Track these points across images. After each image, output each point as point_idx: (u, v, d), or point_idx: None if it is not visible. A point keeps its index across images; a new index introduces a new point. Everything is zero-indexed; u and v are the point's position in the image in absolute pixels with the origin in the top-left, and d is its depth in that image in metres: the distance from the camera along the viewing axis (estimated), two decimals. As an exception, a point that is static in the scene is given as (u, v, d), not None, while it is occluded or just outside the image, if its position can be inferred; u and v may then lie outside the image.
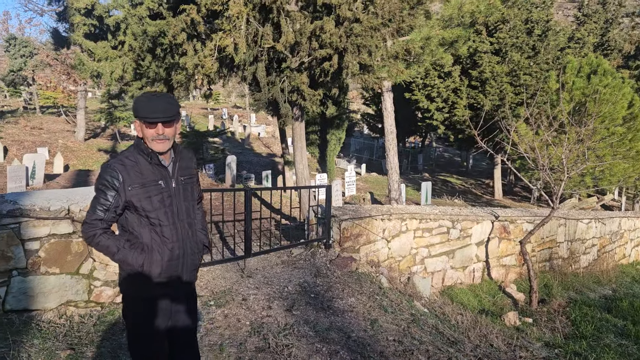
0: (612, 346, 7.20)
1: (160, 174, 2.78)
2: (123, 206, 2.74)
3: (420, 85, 25.64)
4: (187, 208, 2.91)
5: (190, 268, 2.94)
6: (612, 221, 14.63)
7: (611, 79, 17.17)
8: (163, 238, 2.78)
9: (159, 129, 2.66)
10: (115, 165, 2.70)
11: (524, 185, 32.26)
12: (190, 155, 3.04)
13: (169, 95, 2.75)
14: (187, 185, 2.92)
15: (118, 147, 28.83)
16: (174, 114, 2.68)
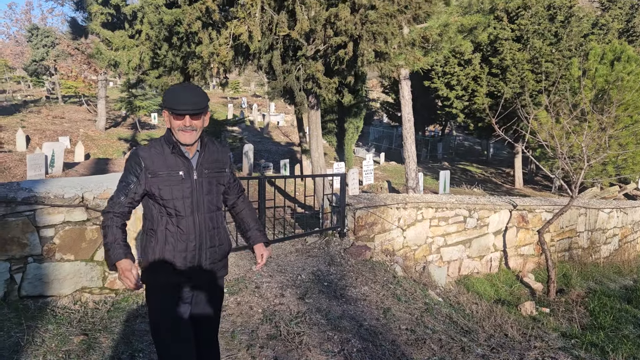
0: (630, 337, 7.08)
1: (182, 164, 2.76)
2: (142, 193, 2.78)
3: (440, 73, 25.38)
4: (209, 201, 2.85)
5: (211, 259, 2.89)
6: (634, 210, 14.36)
7: (635, 65, 16.80)
8: (178, 229, 2.77)
9: (186, 121, 2.67)
10: (140, 152, 2.75)
11: (545, 175, 31.83)
12: (221, 149, 3.00)
13: (198, 87, 2.75)
14: (213, 179, 2.88)
15: (138, 136, 29.10)
16: (202, 106, 2.69)
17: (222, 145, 3.02)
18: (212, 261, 2.91)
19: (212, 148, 2.92)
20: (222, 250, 2.98)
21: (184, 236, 2.78)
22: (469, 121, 26.24)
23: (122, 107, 30.55)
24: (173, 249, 2.77)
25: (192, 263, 2.82)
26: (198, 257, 2.84)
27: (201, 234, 2.83)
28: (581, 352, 5.72)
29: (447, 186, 18.83)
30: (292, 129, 39.22)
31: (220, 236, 2.95)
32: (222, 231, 2.97)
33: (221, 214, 2.99)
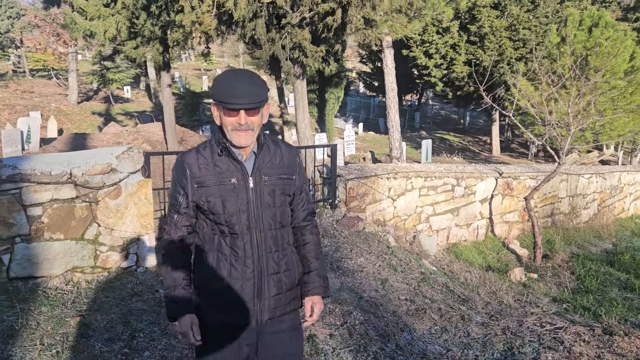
0: (617, 300, 7.22)
1: (234, 169, 2.21)
2: (193, 207, 2.26)
3: (418, 42, 25.19)
4: (272, 216, 2.26)
5: (276, 288, 2.27)
6: (612, 175, 14.59)
7: (613, 31, 16.87)
8: (232, 251, 2.22)
9: (240, 118, 2.10)
10: (185, 157, 2.24)
11: (521, 142, 32.17)
12: (287, 150, 2.38)
13: (254, 75, 2.17)
14: (276, 188, 2.27)
15: (112, 109, 28.46)
16: (261, 99, 2.11)
17: (287, 146, 2.42)
18: (278, 292, 2.28)
19: (273, 148, 2.33)
20: (291, 278, 2.35)
21: (240, 260, 2.21)
22: (447, 90, 26.21)
23: (94, 80, 29.77)
24: (227, 277, 2.21)
25: (251, 295, 2.23)
26: (258, 287, 2.24)
27: (261, 257, 2.24)
28: (575, 317, 5.78)
29: (429, 155, 18.87)
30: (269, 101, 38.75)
31: (287, 259, 2.33)
32: (290, 253, 2.37)
33: (288, 231, 2.37)
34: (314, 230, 2.51)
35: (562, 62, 14.76)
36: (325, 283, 2.47)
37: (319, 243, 2.54)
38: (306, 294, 2.43)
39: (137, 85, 36.54)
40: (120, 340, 3.88)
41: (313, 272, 2.45)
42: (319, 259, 2.50)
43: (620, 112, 15.29)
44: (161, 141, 12.49)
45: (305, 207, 2.47)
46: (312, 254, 2.47)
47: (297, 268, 2.39)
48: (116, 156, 5.06)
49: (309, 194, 2.52)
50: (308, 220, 2.49)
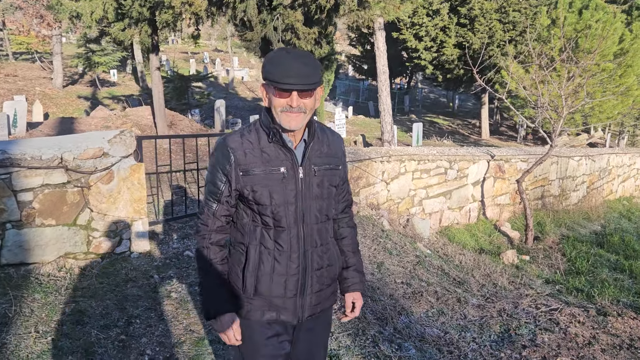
0: (608, 281, 7.28)
1: (284, 157, 2.04)
2: (235, 196, 2.09)
3: (408, 24, 25.05)
4: (319, 208, 2.12)
5: (318, 285, 2.17)
6: (601, 158, 14.68)
7: (602, 13, 16.87)
8: (277, 245, 2.07)
9: (293, 99, 1.94)
10: (229, 141, 2.05)
11: (509, 125, 32.27)
12: (333, 138, 2.24)
13: (309, 55, 2.01)
14: (324, 179, 2.13)
15: (99, 93, 28.11)
16: (315, 80, 1.95)
17: (333, 133, 2.28)
18: (320, 288, 2.18)
19: (321, 136, 2.17)
20: (332, 273, 2.24)
21: (284, 255, 2.07)
22: (437, 73, 26.15)
23: (79, 63, 29.31)
24: (270, 272, 2.08)
25: (294, 292, 2.11)
26: (302, 283, 2.12)
27: (306, 252, 2.10)
28: (569, 298, 5.82)
29: (420, 139, 18.86)
30: (258, 84, 38.48)
31: (329, 254, 2.21)
32: (332, 247, 2.25)
33: (330, 224, 2.25)
34: (351, 223, 2.41)
35: (552, 45, 14.75)
36: (362, 278, 2.39)
37: (356, 236, 2.44)
38: (346, 290, 2.36)
39: (123, 69, 36.06)
40: (116, 327, 3.83)
41: (352, 268, 2.36)
42: (356, 253, 2.40)
43: (610, 94, 15.33)
44: (150, 125, 12.34)
45: (346, 198, 2.37)
46: (350, 248, 2.37)
47: (337, 262, 2.28)
48: (108, 140, 4.97)
49: (349, 184, 2.40)
50: (346, 213, 2.39)
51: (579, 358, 4.14)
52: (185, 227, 6.14)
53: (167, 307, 4.27)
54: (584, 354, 4.22)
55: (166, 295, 4.47)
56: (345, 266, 2.35)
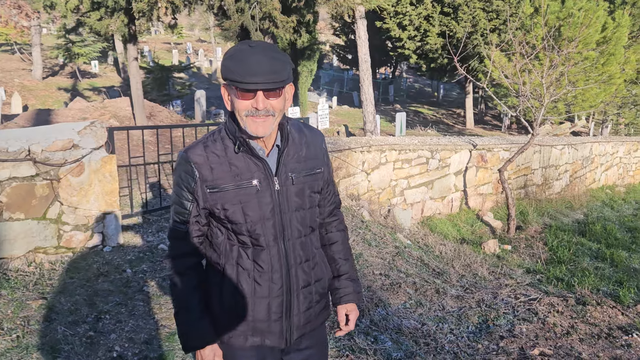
0: (589, 269, 7.29)
1: (255, 168, 1.80)
2: (205, 214, 1.86)
3: (392, 13, 24.92)
4: (301, 220, 1.88)
5: (306, 303, 1.93)
6: (584, 146, 14.73)
7: (585, 1, 16.87)
8: (256, 265, 1.84)
9: (258, 100, 1.67)
10: (190, 154, 1.79)
11: (494, 114, 32.36)
12: (312, 136, 1.97)
13: (275, 47, 1.74)
14: (305, 186, 1.88)
15: (79, 85, 27.71)
16: (283, 78, 1.68)
17: (311, 130, 2.00)
18: (309, 306, 1.95)
19: (298, 137, 1.91)
20: (321, 287, 2.00)
21: (265, 276, 1.84)
22: (421, 62, 26.09)
23: (59, 54, 28.85)
24: (251, 295, 1.86)
25: (279, 314, 1.89)
26: (287, 304, 1.89)
27: (290, 270, 1.87)
28: (549, 287, 5.81)
29: (403, 128, 18.80)
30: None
31: (317, 267, 1.97)
32: (320, 259, 2.00)
33: (315, 235, 2.01)
34: (340, 226, 2.13)
35: (535, 33, 14.72)
36: (357, 287, 2.12)
37: (347, 240, 2.17)
38: (338, 302, 2.09)
39: (104, 60, 35.57)
40: (85, 323, 3.73)
41: (344, 276, 2.09)
42: (349, 259, 2.12)
43: (592, 82, 15.37)
44: (129, 116, 12.15)
45: (332, 200, 2.10)
46: (341, 255, 2.10)
47: (327, 274, 2.03)
48: (78, 131, 4.84)
49: (335, 185, 2.12)
50: (334, 215, 2.12)
51: (557, 348, 4.11)
52: (161, 219, 6.03)
53: (138, 302, 4.17)
54: (562, 343, 4.19)
55: (138, 290, 4.37)
56: (336, 274, 2.09)
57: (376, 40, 28.93)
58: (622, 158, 17.71)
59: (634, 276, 7.12)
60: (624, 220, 11.92)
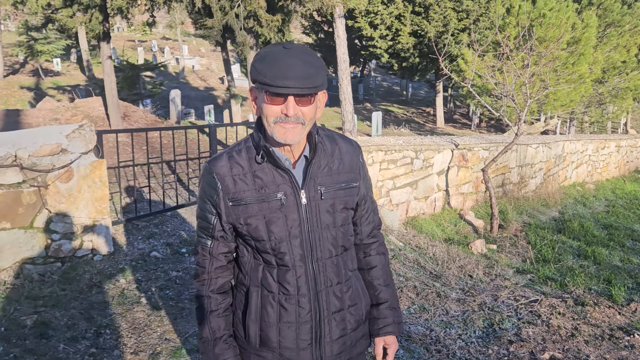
0: (575, 268, 7.36)
1: (281, 180, 1.66)
2: (230, 230, 1.72)
3: (363, 12, 24.93)
4: (333, 239, 1.72)
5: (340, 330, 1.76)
6: (557, 145, 14.98)
7: (556, 2, 17.17)
8: (281, 288, 1.69)
9: (288, 106, 1.53)
10: (215, 165, 1.68)
11: (463, 113, 32.76)
12: (347, 148, 1.80)
13: (310, 52, 1.61)
14: (336, 201, 1.72)
15: (42, 83, 26.87)
16: (318, 83, 1.55)
17: (346, 141, 1.83)
18: (342, 333, 1.77)
19: (330, 148, 1.75)
20: (358, 314, 1.81)
21: (291, 299, 1.69)
22: (393, 61, 26.18)
23: (20, 52, 27.90)
24: (276, 321, 1.71)
25: (308, 342, 1.72)
26: (317, 331, 1.73)
27: (319, 293, 1.71)
28: (545, 288, 5.82)
29: (379, 128, 18.78)
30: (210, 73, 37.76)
31: (351, 292, 1.80)
32: (355, 282, 1.83)
33: (351, 255, 1.84)
34: (380, 249, 1.94)
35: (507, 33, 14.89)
36: (398, 318, 1.92)
37: (388, 264, 1.97)
38: (376, 333, 1.89)
39: (67, 58, 34.58)
40: (84, 339, 3.53)
41: (383, 305, 1.90)
42: (390, 285, 1.94)
43: (563, 82, 15.65)
44: (102, 117, 11.77)
45: (370, 219, 1.89)
46: (380, 281, 1.91)
47: (364, 300, 1.86)
48: (66, 135, 4.60)
49: (374, 201, 1.94)
50: (374, 237, 1.92)
51: (565, 351, 4.09)
52: (150, 225, 5.81)
53: (137, 314, 3.98)
54: (569, 346, 4.18)
55: (136, 301, 4.18)
56: (375, 302, 1.91)
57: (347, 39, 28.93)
58: (591, 156, 18.11)
59: (619, 274, 7.23)
60: (598, 217, 12.17)
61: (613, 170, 19.64)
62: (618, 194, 16.39)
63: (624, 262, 8.16)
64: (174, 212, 6.08)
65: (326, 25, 28.88)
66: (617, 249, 9.11)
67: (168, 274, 4.74)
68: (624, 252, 8.85)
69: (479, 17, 22.46)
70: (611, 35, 20.78)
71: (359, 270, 1.91)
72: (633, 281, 6.85)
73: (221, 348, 1.73)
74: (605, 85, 21.18)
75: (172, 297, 4.31)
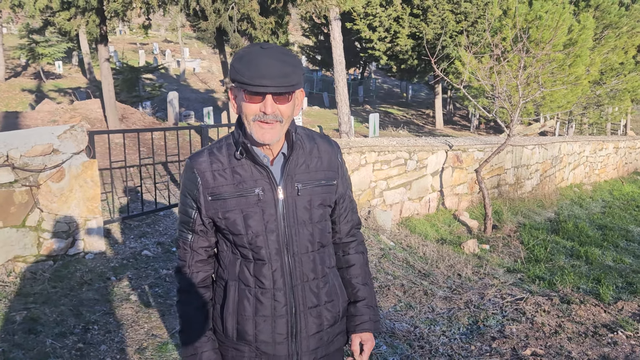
0: (566, 267, 7.42)
1: (258, 176, 1.72)
2: (210, 224, 1.78)
3: (362, 15, 25.02)
4: (309, 235, 1.78)
5: (316, 326, 1.81)
6: (553, 146, 15.03)
7: (552, 4, 17.24)
8: (257, 281, 1.75)
9: (266, 104, 1.60)
10: (196, 161, 1.75)
11: (462, 115, 32.82)
12: (325, 146, 1.86)
13: (287, 51, 1.68)
14: (313, 198, 1.78)
15: (44, 86, 27.02)
16: (295, 81, 1.61)
17: (325, 140, 1.89)
18: (319, 329, 1.82)
19: (309, 146, 1.81)
20: (334, 311, 1.86)
21: (267, 293, 1.74)
22: (391, 63, 26.26)
23: (22, 54, 28.06)
24: (253, 314, 1.76)
25: (284, 336, 1.77)
26: (293, 325, 1.78)
27: (294, 288, 1.76)
28: (532, 286, 5.88)
29: (376, 129, 18.86)
30: (210, 75, 37.87)
31: (328, 288, 1.84)
32: (332, 279, 1.88)
33: (329, 252, 1.89)
34: (359, 248, 1.99)
35: (504, 35, 14.98)
36: (375, 315, 1.96)
37: (367, 263, 2.02)
38: (353, 330, 1.93)
39: (69, 60, 34.76)
40: (72, 335, 3.60)
41: (361, 302, 1.94)
42: (368, 284, 1.98)
43: (560, 84, 15.70)
44: (100, 119, 11.87)
45: (349, 218, 1.95)
46: (358, 279, 1.95)
47: (341, 297, 1.90)
48: (58, 135, 4.69)
49: (353, 201, 1.98)
50: (352, 235, 1.98)
51: (547, 347, 4.15)
52: (142, 224, 5.90)
53: (126, 310, 4.06)
54: (552, 343, 4.24)
55: (125, 298, 4.26)
56: (353, 300, 1.95)
57: (346, 41, 28.94)
58: (588, 157, 18.14)
59: (609, 273, 7.28)
60: (593, 218, 12.21)
61: (611, 171, 19.65)
62: (615, 195, 16.42)
63: (617, 262, 8.20)
64: (167, 211, 6.16)
65: (325, 28, 28.98)
66: (611, 249, 9.15)
67: (158, 272, 4.82)
68: (617, 252, 8.89)
69: (477, 20, 22.55)
70: (609, 37, 20.83)
71: (338, 268, 1.96)
72: (623, 280, 6.89)
73: (200, 342, 1.78)
74: (602, 87, 21.22)
75: (161, 295, 4.39)
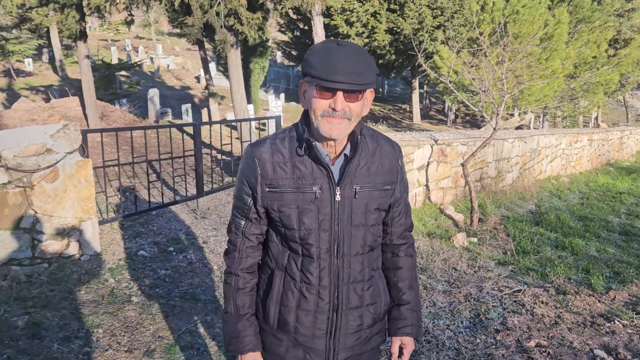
0: (554, 259, 7.53)
1: (319, 174, 1.70)
2: (263, 213, 1.78)
3: (339, 10, 24.98)
4: (361, 238, 1.76)
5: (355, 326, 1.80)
6: (532, 139, 15.26)
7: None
8: (303, 276, 1.75)
9: (337, 101, 1.58)
10: (258, 150, 1.73)
11: (438, 109, 33.08)
12: (388, 149, 1.83)
13: (363, 50, 1.65)
14: (370, 202, 1.76)
15: (15, 84, 26.39)
16: (368, 80, 1.59)
17: (389, 143, 1.86)
18: (358, 328, 1.81)
19: (371, 148, 1.78)
20: (376, 312, 1.85)
21: (312, 289, 1.75)
22: (369, 58, 26.26)
23: (-10, 52, 27.31)
24: (295, 307, 1.76)
25: (324, 331, 1.78)
26: (334, 322, 1.78)
27: (339, 288, 1.76)
28: (527, 278, 5.96)
29: (356, 124, 18.82)
30: (185, 72, 37.47)
31: (372, 290, 1.84)
32: (377, 281, 1.87)
33: (377, 254, 1.89)
34: (409, 251, 1.97)
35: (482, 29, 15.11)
36: (418, 320, 1.95)
37: (415, 267, 1.99)
38: (395, 332, 1.93)
39: (39, 58, 33.96)
40: (77, 339, 3.53)
41: (405, 306, 1.93)
42: (413, 288, 1.96)
43: (537, 78, 15.92)
44: (80, 117, 11.63)
45: (402, 222, 1.93)
46: (405, 283, 1.94)
47: (383, 299, 1.89)
48: (51, 135, 4.57)
49: (408, 204, 1.96)
50: (404, 238, 1.96)
51: (550, 338, 4.21)
52: (136, 224, 5.79)
53: (129, 312, 3.98)
54: (554, 334, 4.29)
55: (126, 300, 4.18)
56: (398, 303, 1.94)
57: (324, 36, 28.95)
58: (564, 149, 18.48)
59: (596, 264, 7.42)
60: (573, 209, 12.43)
61: (586, 163, 20.06)
62: (591, 187, 16.76)
63: (600, 252, 8.36)
64: (159, 210, 6.07)
65: (302, 23, 28.85)
66: (593, 240, 9.32)
67: (157, 272, 4.74)
68: (599, 243, 9.06)
69: (453, 14, 22.70)
70: (582, 31, 21.20)
71: (385, 269, 1.96)
72: (610, 270, 7.03)
73: (243, 325, 1.80)
74: (577, 80, 21.60)
75: (162, 295, 4.32)
